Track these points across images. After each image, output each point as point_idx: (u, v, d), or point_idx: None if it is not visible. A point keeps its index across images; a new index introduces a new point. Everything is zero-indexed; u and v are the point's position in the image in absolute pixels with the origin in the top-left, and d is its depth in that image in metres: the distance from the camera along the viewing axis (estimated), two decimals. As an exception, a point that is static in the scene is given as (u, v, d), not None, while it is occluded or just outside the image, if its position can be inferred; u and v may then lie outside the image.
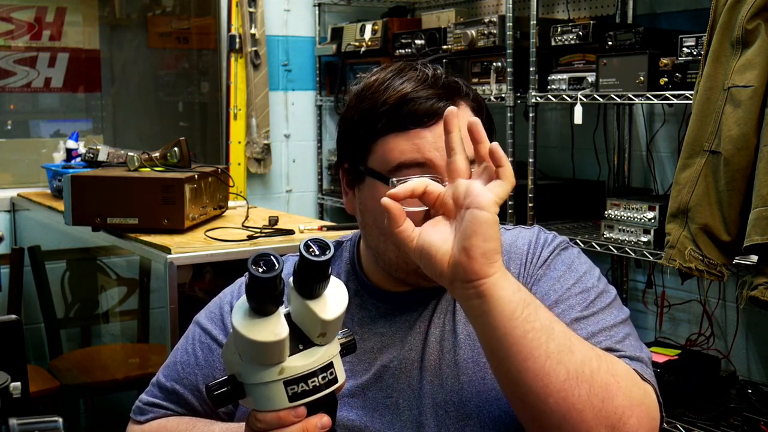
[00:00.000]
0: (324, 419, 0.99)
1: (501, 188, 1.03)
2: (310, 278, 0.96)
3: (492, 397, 1.21)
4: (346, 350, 1.05)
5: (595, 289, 1.23)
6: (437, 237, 1.05)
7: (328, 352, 1.00)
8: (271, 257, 0.94)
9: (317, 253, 0.96)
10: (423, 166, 1.19)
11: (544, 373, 1.03)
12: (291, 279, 0.98)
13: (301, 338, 0.99)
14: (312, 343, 0.99)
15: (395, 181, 1.19)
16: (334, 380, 1.00)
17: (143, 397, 1.38)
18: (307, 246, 0.96)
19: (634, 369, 1.13)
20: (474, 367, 1.22)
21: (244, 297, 0.97)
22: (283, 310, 0.98)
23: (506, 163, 1.03)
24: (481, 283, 1.02)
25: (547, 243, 1.30)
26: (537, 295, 1.20)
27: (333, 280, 1.01)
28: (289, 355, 0.98)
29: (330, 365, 1.00)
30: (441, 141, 1.15)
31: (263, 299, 0.95)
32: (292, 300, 0.99)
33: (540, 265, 1.26)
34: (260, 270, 0.93)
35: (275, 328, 0.95)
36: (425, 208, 1.14)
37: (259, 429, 0.99)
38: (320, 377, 0.99)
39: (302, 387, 0.98)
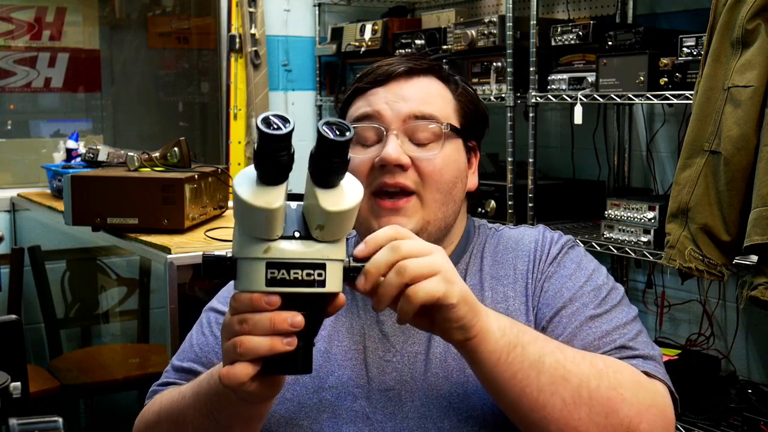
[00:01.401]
0: (297, 318, 0.93)
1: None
2: (325, 161, 0.92)
3: None
4: (348, 273, 0.98)
5: (605, 287, 1.26)
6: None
7: (324, 252, 0.94)
8: (282, 118, 0.90)
9: (337, 133, 0.91)
10: (371, 118, 1.26)
11: (539, 406, 1.06)
12: (308, 168, 0.94)
13: (301, 228, 0.94)
14: (310, 237, 0.94)
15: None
16: (322, 283, 0.93)
17: (155, 383, 1.36)
18: (326, 124, 0.92)
19: (644, 370, 1.16)
20: None
21: (252, 166, 0.93)
22: (293, 204, 0.95)
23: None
24: (463, 342, 1.05)
25: (554, 241, 1.32)
26: (549, 293, 1.25)
27: (351, 178, 0.97)
28: (282, 238, 0.93)
29: (321, 266, 0.93)
30: (392, 95, 1.26)
31: (269, 162, 0.90)
32: (306, 190, 0.96)
33: (550, 262, 1.29)
34: (270, 128, 0.89)
35: (270, 197, 0.91)
36: (372, 156, 1.22)
37: (233, 308, 0.97)
38: (305, 272, 0.93)
39: (282, 274, 0.92)
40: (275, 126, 0.89)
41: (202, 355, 1.31)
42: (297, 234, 0.94)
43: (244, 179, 0.93)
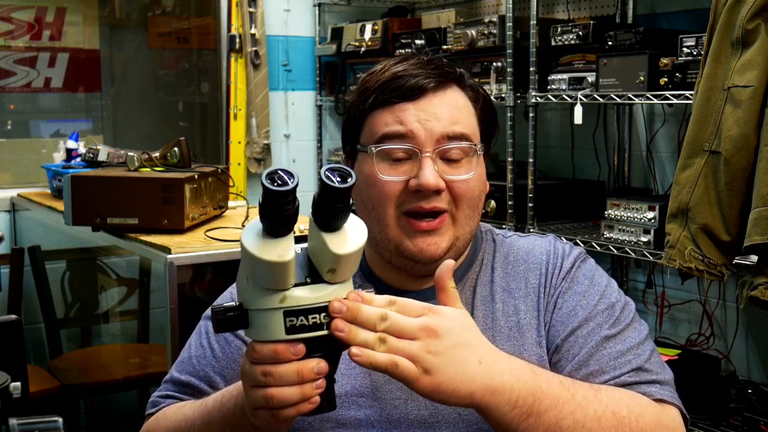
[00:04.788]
0: (322, 365, 0.96)
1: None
2: (329, 207, 0.93)
3: None
4: None
5: (618, 304, 1.26)
6: None
7: (337, 293, 0.96)
8: (287, 173, 0.92)
9: (339, 180, 0.92)
10: (404, 137, 1.23)
11: None
12: (311, 213, 0.96)
13: (311, 273, 0.96)
14: (321, 280, 0.96)
15: (374, 149, 1.23)
16: None
17: (156, 393, 1.36)
18: (329, 171, 0.94)
19: (660, 398, 1.16)
20: None
21: (257, 219, 0.95)
22: (297, 247, 0.96)
23: None
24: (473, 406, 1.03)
25: (566, 254, 1.31)
26: (563, 310, 1.25)
27: (354, 218, 0.98)
28: (294, 286, 0.95)
29: None
30: (424, 114, 1.22)
31: (275, 216, 0.92)
32: (309, 233, 0.97)
33: (563, 277, 1.28)
34: (275, 184, 0.90)
35: (281, 250, 0.93)
36: (404, 178, 1.21)
37: (254, 360, 0.97)
38: (323, 315, 0.95)
39: (302, 321, 0.94)
40: (280, 182, 0.91)
41: (200, 368, 1.32)
42: (308, 280, 0.96)
43: (250, 234, 0.94)
